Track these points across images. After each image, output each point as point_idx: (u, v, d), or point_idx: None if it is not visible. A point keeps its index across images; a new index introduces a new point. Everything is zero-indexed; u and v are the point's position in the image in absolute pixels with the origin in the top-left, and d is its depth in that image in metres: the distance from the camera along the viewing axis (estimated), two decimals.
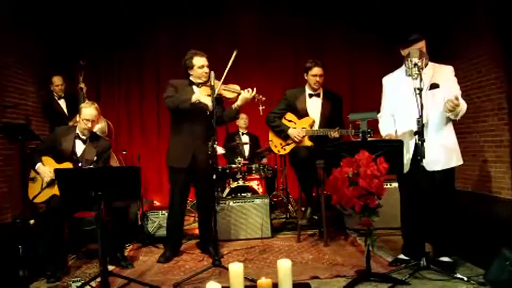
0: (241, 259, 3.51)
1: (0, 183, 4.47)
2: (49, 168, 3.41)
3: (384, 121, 3.20)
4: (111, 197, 2.88)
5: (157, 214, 4.28)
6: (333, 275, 2.95)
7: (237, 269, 2.24)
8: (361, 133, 3.12)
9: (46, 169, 3.41)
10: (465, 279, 2.65)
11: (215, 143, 3.19)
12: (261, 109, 3.76)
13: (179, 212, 3.68)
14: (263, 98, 3.65)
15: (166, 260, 3.55)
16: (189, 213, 5.05)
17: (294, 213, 5.25)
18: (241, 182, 5.01)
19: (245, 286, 2.27)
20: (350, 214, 3.59)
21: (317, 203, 4.04)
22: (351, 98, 6.35)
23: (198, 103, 3.40)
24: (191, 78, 3.61)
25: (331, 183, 2.66)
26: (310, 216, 4.04)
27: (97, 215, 2.75)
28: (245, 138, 5.91)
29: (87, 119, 3.51)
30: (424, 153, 2.73)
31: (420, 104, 2.74)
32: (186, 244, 4.04)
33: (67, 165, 3.46)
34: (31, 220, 3.66)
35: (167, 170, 3.75)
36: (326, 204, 3.84)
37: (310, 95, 4.03)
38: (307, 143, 3.94)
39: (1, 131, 4.40)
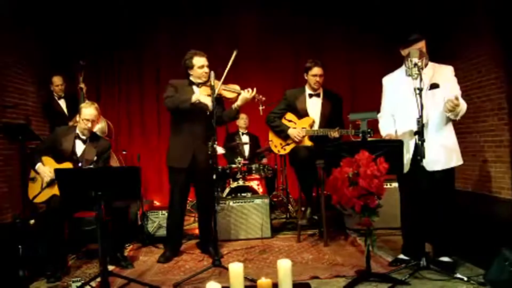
0: (241, 259, 3.51)
1: (0, 183, 4.47)
2: (49, 168, 3.41)
3: (384, 121, 3.20)
4: (111, 197, 2.88)
5: (157, 214, 4.28)
6: (333, 275, 2.95)
7: (237, 269, 2.23)
8: (361, 133, 3.12)
9: (46, 169, 3.41)
10: (465, 279, 2.65)
11: (215, 143, 3.19)
12: (261, 109, 3.76)
13: (179, 212, 3.68)
14: (263, 98, 3.65)
15: (166, 260, 3.55)
16: (189, 213, 5.05)
17: (294, 213, 5.25)
18: (241, 182, 5.01)
19: (245, 286, 2.27)
20: (350, 214, 3.60)
21: (317, 203, 4.04)
22: (351, 98, 6.35)
23: (198, 103, 3.40)
24: (191, 78, 3.61)
25: (331, 183, 2.66)
26: (310, 216, 4.04)
27: (97, 215, 2.75)
28: (245, 138, 5.91)
29: (87, 119, 3.51)
30: (424, 153, 2.73)
31: (420, 104, 2.74)
32: (186, 244, 4.04)
33: (67, 165, 3.46)
34: (31, 220, 3.66)
35: (167, 170, 3.75)
36: (326, 204, 3.84)
37: (310, 95, 4.03)
38: (307, 143, 3.94)
39: (1, 131, 4.40)
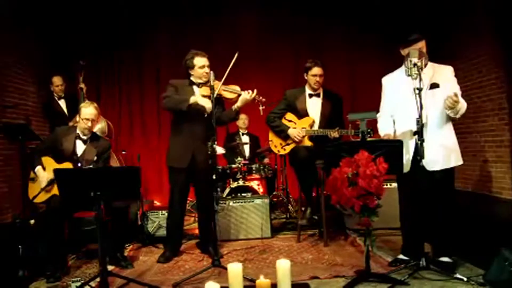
0: (241, 259, 3.51)
1: (0, 183, 4.47)
2: (47, 174, 3.41)
3: (382, 121, 3.20)
4: (111, 197, 2.89)
5: (157, 214, 4.28)
6: (333, 275, 2.95)
7: (236, 269, 2.24)
8: (360, 133, 3.12)
9: (44, 174, 3.42)
10: (465, 279, 2.65)
11: (214, 143, 3.19)
12: (261, 109, 3.75)
13: (179, 212, 3.68)
14: (263, 99, 3.65)
15: (166, 260, 3.55)
16: (189, 213, 5.05)
17: (294, 213, 5.25)
18: (241, 182, 5.01)
19: (244, 286, 2.27)
20: (349, 214, 3.57)
21: (317, 203, 4.04)
22: (351, 98, 6.35)
23: (195, 105, 3.40)
24: (192, 78, 3.62)
25: (331, 183, 2.66)
26: (310, 216, 4.04)
27: (97, 215, 2.75)
28: (245, 138, 5.91)
29: (87, 119, 3.51)
30: (423, 153, 2.73)
31: (419, 104, 2.74)
32: (186, 244, 4.04)
33: (67, 165, 3.46)
34: (31, 220, 3.66)
35: (167, 170, 3.75)
36: (326, 204, 3.83)
37: (310, 95, 4.03)
38: (307, 143, 3.94)
39: (1, 131, 4.40)
